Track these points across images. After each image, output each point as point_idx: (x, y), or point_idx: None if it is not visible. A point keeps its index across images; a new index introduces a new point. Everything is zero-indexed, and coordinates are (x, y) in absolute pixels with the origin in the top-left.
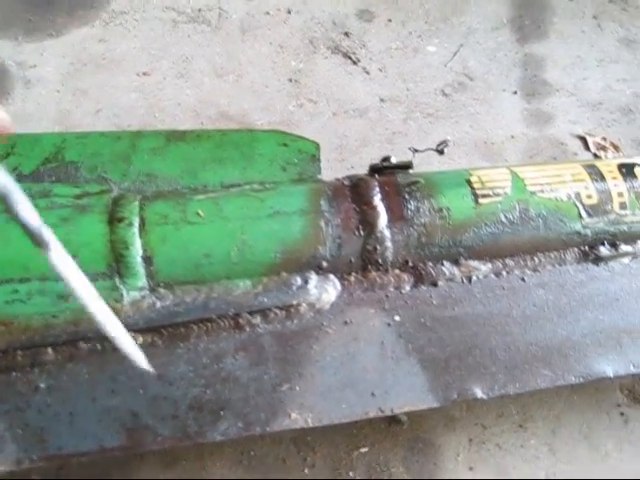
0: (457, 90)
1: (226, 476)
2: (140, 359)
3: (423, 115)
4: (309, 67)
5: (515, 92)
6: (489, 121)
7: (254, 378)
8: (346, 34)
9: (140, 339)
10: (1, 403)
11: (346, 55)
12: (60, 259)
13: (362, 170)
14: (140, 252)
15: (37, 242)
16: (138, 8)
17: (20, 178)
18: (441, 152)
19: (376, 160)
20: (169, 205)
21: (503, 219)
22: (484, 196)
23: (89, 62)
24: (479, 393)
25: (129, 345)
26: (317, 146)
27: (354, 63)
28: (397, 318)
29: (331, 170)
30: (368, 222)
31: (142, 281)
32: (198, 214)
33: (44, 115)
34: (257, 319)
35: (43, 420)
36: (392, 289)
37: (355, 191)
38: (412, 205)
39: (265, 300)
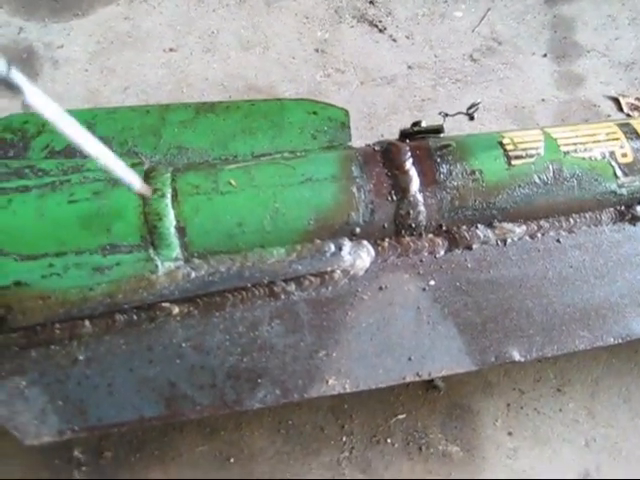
0: (486, 55)
1: (265, 446)
2: (135, 181)
3: (452, 81)
4: (335, 37)
5: (545, 55)
6: (519, 85)
7: (290, 345)
8: (371, 2)
9: (176, 309)
10: (42, 376)
11: (372, 23)
12: (36, 98)
13: (392, 137)
14: (173, 223)
15: (8, 87)
16: None
17: (52, 155)
18: (472, 117)
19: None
20: (201, 175)
21: (537, 180)
22: (517, 157)
23: (115, 40)
24: (517, 356)
25: (124, 170)
26: (346, 113)
27: (380, 31)
28: (432, 282)
29: (361, 139)
30: (400, 187)
31: (176, 252)
32: (230, 183)
33: (73, 95)
34: (292, 287)
35: (83, 392)
36: (426, 254)
37: (386, 156)
38: (444, 168)
39: (299, 267)
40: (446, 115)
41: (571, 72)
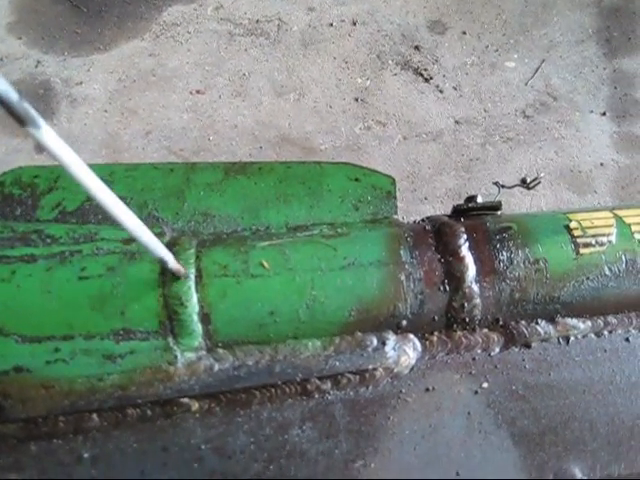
0: (539, 111)
1: None
2: (171, 260)
3: (502, 139)
4: (377, 85)
5: (604, 113)
6: (575, 146)
7: (323, 452)
8: (416, 48)
9: (196, 405)
10: (41, 474)
11: (417, 71)
12: (50, 138)
13: (437, 202)
14: (196, 309)
15: (22, 120)
16: (191, 20)
17: (64, 216)
18: (530, 189)
19: (452, 190)
20: (229, 253)
21: (607, 272)
22: (585, 245)
23: (138, 79)
24: (578, 474)
25: (156, 244)
26: (392, 181)
27: (426, 80)
28: (485, 385)
29: (402, 202)
30: (454, 275)
31: (198, 341)
32: (262, 265)
33: (90, 137)
34: (327, 385)
35: None
36: (480, 351)
37: (439, 238)
38: (504, 256)
39: (337, 364)
40: (502, 187)
41: (632, 134)
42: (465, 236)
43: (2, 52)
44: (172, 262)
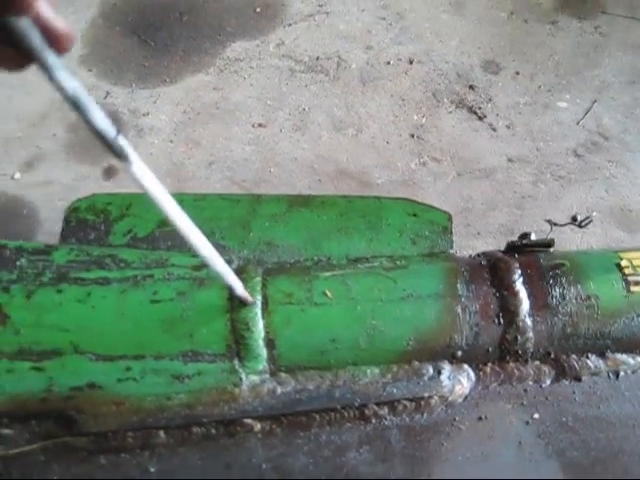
0: (591, 151)
1: None
2: (239, 288)
3: (554, 177)
4: (432, 122)
5: None
6: (626, 186)
7: (379, 475)
8: (471, 87)
9: (258, 426)
10: None
11: (471, 110)
12: (141, 172)
13: (489, 237)
14: (262, 334)
15: (116, 154)
16: (254, 55)
17: (135, 242)
18: (582, 227)
19: (504, 226)
20: (294, 282)
21: None
22: (636, 283)
23: (202, 111)
24: None
25: (226, 271)
26: (449, 217)
27: (480, 119)
28: (536, 415)
29: (456, 236)
30: (509, 309)
31: (263, 365)
32: (325, 294)
33: (156, 166)
34: (384, 411)
35: None
36: (531, 383)
37: (494, 273)
38: (557, 292)
39: (394, 390)
40: (554, 224)
41: None
42: (519, 271)
43: None
44: (240, 289)
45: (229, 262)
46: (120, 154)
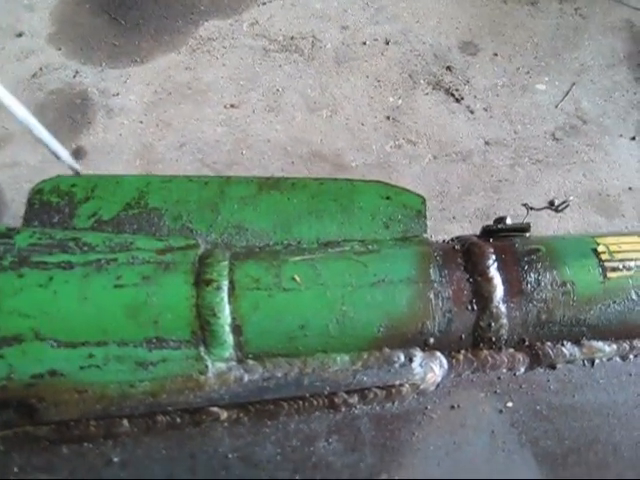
0: (569, 134)
1: None
2: (66, 157)
3: (532, 161)
4: (408, 104)
5: (633, 138)
6: (604, 170)
7: (348, 465)
8: (448, 68)
9: (225, 414)
10: (71, 475)
11: (448, 92)
12: None
13: (465, 221)
14: (229, 320)
15: None
16: (227, 35)
17: (100, 225)
18: (559, 211)
19: (480, 210)
20: (262, 267)
21: (634, 296)
22: (613, 269)
23: (174, 91)
24: None
25: (51, 142)
26: (423, 200)
27: (457, 101)
28: (510, 404)
29: (431, 220)
30: (483, 295)
31: (229, 352)
32: (294, 279)
33: (125, 147)
34: (354, 399)
35: None
36: (505, 370)
37: (468, 258)
38: (532, 277)
39: (364, 378)
40: (531, 208)
41: None
42: (494, 257)
43: (42, 62)
44: (67, 158)
45: (195, 246)
46: None
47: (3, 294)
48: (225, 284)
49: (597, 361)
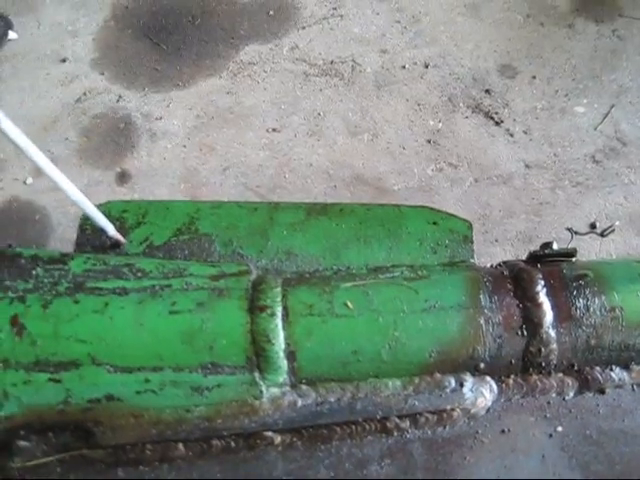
0: (609, 156)
1: None
2: (111, 229)
3: (572, 184)
4: (448, 127)
5: None
6: None
7: None
8: (487, 92)
9: (278, 439)
10: None
11: (488, 115)
12: (10, 128)
13: (507, 244)
14: (283, 346)
15: None
16: (267, 59)
17: (151, 250)
18: (604, 236)
19: (522, 233)
20: (314, 293)
21: None
22: None
23: (216, 115)
24: None
25: (96, 213)
26: (469, 226)
27: (496, 124)
28: (559, 428)
29: (475, 244)
30: (532, 321)
31: (283, 377)
32: (346, 305)
33: (169, 171)
34: (406, 423)
35: None
36: (554, 395)
37: (517, 284)
38: (581, 303)
39: (416, 403)
40: (575, 233)
41: None
42: (543, 282)
43: (85, 87)
44: (112, 231)
45: (247, 272)
46: None
47: (60, 319)
48: (279, 310)
49: None
